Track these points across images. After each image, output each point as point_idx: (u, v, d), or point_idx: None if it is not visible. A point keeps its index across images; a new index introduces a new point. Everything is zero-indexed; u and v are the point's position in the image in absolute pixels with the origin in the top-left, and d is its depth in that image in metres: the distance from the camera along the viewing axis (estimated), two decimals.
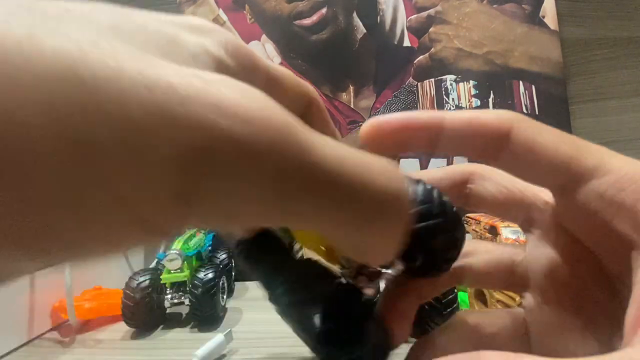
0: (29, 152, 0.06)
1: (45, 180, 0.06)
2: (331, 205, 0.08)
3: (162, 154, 0.07)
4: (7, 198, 0.06)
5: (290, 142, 0.07)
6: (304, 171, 0.07)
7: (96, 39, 0.07)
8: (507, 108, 0.56)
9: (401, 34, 0.59)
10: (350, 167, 0.08)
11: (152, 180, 0.07)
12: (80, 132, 0.06)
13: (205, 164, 0.07)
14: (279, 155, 0.07)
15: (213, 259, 0.45)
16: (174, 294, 0.37)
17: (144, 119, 0.06)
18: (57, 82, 0.06)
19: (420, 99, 0.57)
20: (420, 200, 0.11)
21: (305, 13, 0.59)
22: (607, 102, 0.58)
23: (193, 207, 0.07)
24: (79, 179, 0.06)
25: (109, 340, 0.35)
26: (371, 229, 0.09)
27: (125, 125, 0.06)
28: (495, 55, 0.56)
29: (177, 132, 0.07)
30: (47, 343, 0.35)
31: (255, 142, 0.07)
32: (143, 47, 0.08)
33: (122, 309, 0.35)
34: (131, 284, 0.35)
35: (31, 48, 0.06)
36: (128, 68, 0.07)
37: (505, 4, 0.57)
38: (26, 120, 0.06)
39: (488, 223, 0.38)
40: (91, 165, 0.06)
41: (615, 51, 0.58)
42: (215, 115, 0.07)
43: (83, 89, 0.06)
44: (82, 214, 0.07)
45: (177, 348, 0.32)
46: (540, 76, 0.56)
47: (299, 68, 0.59)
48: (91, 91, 0.06)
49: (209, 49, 0.10)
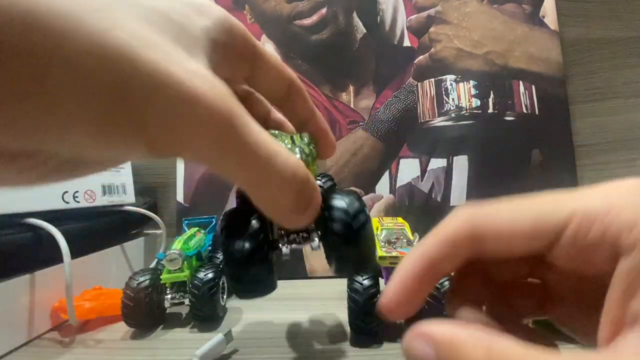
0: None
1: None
2: (240, 167, 0.13)
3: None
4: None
5: (229, 121, 0.12)
6: (234, 140, 0.12)
7: (138, 27, 0.11)
8: (507, 108, 0.57)
9: (401, 34, 0.59)
10: (260, 150, 0.12)
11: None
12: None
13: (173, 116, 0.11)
14: (220, 127, 0.11)
15: (213, 259, 0.45)
16: (174, 294, 0.37)
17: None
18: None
19: (420, 99, 0.57)
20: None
21: (305, 13, 0.59)
22: (607, 102, 0.58)
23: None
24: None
25: (109, 340, 0.35)
26: (261, 192, 0.14)
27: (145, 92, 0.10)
28: (495, 55, 0.56)
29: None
30: (47, 343, 0.35)
31: (209, 117, 0.11)
32: (163, 33, 0.11)
33: (122, 309, 0.35)
34: (131, 284, 0.35)
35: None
36: (143, 48, 0.10)
37: (505, 4, 0.57)
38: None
39: None
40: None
41: (615, 51, 0.58)
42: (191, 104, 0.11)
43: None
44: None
45: (177, 348, 0.32)
46: (540, 76, 0.56)
47: (299, 68, 0.59)
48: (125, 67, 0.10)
49: (209, 33, 0.13)
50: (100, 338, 0.35)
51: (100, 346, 0.34)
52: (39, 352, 0.33)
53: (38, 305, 0.35)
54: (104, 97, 0.10)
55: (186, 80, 0.11)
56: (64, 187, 0.41)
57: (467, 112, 0.56)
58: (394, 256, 0.30)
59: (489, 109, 0.56)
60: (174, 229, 0.56)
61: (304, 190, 0.14)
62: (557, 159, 0.55)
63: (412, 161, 0.56)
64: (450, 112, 0.56)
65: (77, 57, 0.09)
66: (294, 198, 0.14)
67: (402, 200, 0.55)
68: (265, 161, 0.12)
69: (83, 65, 0.09)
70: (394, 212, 0.54)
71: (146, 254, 0.55)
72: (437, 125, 0.56)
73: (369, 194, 0.55)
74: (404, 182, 0.56)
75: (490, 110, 0.56)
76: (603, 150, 0.57)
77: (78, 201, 0.42)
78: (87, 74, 0.09)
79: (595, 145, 0.57)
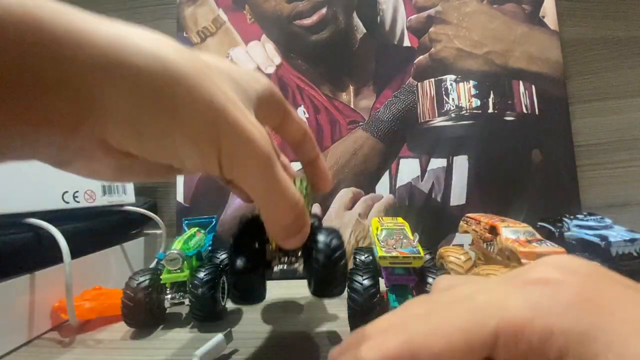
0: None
1: None
2: (267, 191, 0.18)
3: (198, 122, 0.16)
4: None
5: (270, 160, 0.17)
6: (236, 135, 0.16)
7: (228, 90, 0.17)
8: (507, 108, 0.57)
9: (401, 34, 0.59)
10: (281, 182, 0.18)
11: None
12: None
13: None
14: (265, 163, 0.17)
15: (213, 259, 0.45)
16: (174, 294, 0.37)
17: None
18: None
19: (420, 98, 0.57)
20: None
21: (305, 13, 0.59)
22: (607, 102, 0.58)
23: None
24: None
25: (109, 340, 0.35)
26: (272, 211, 0.20)
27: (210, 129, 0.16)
28: (495, 55, 0.56)
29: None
30: (47, 343, 0.35)
31: (260, 155, 0.17)
32: (236, 93, 0.18)
33: (122, 309, 0.35)
34: (131, 284, 0.35)
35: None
36: (233, 113, 0.16)
37: (505, 4, 0.57)
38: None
39: (488, 223, 0.38)
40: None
41: (615, 51, 0.58)
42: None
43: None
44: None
45: (177, 348, 0.32)
46: (540, 76, 0.56)
47: (299, 68, 0.59)
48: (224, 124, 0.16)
49: (258, 95, 0.20)
50: (100, 338, 0.35)
51: (100, 346, 0.34)
52: (39, 352, 0.33)
53: (38, 305, 0.35)
54: (206, 139, 0.16)
55: (251, 130, 0.16)
56: (64, 187, 0.41)
57: (467, 112, 0.56)
58: (394, 256, 0.30)
59: (489, 109, 0.56)
60: (174, 229, 0.56)
61: (299, 217, 0.20)
62: (557, 159, 0.55)
63: (412, 161, 0.56)
64: (450, 112, 0.56)
65: (193, 113, 0.15)
66: (292, 220, 0.20)
67: (402, 200, 0.55)
68: (282, 190, 0.18)
69: (198, 119, 0.15)
70: (394, 212, 0.54)
71: (146, 254, 0.55)
72: (437, 125, 0.56)
73: (369, 194, 0.55)
74: (404, 182, 0.56)
75: (490, 110, 0.56)
76: (603, 150, 0.57)
77: (78, 201, 0.42)
78: (202, 127, 0.15)
79: (595, 145, 0.57)
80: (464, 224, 0.44)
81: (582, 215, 0.40)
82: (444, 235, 0.53)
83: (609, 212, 0.55)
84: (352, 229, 0.54)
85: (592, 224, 0.37)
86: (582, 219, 0.38)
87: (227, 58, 0.60)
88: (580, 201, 0.55)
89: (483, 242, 0.39)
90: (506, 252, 0.34)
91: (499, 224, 0.36)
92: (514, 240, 0.33)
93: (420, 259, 0.30)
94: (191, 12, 0.61)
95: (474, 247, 0.42)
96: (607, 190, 0.57)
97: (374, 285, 0.30)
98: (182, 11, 0.62)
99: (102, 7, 0.63)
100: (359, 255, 0.43)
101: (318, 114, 0.58)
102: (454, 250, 0.40)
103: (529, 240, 0.33)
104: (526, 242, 0.33)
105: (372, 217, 0.52)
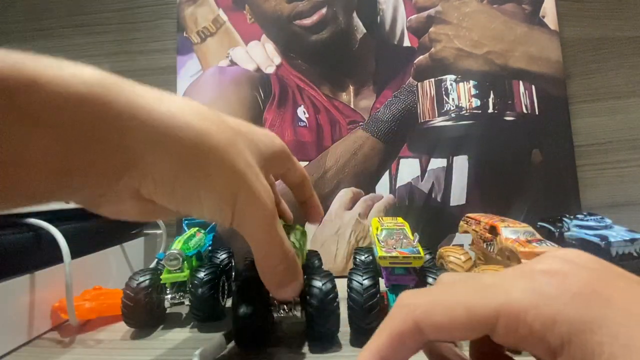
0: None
1: None
2: (266, 243, 0.23)
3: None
4: None
5: (273, 218, 0.22)
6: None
7: (248, 155, 0.21)
8: (507, 108, 0.57)
9: (401, 34, 0.59)
10: (279, 236, 0.23)
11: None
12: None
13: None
14: (270, 220, 0.22)
15: (213, 259, 0.45)
16: (174, 294, 0.37)
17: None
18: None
19: (420, 98, 0.57)
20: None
21: (305, 13, 0.59)
22: (607, 102, 0.58)
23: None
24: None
25: (109, 340, 0.35)
26: (267, 260, 0.24)
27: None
28: (495, 55, 0.56)
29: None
30: (47, 343, 0.35)
31: (266, 215, 0.22)
32: (252, 155, 0.22)
33: (122, 309, 0.35)
34: (131, 284, 0.35)
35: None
36: (249, 174, 0.21)
37: (505, 4, 0.57)
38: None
39: (488, 223, 0.38)
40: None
41: (615, 51, 0.58)
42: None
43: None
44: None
45: (177, 348, 0.32)
46: (540, 76, 0.56)
47: (298, 68, 0.59)
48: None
49: (271, 153, 0.25)
50: (100, 338, 0.35)
51: (100, 346, 0.34)
52: (39, 352, 0.33)
53: (38, 305, 0.35)
54: (226, 197, 0.20)
55: (260, 192, 0.21)
56: None
57: (467, 112, 0.56)
58: (394, 256, 0.30)
59: (489, 109, 0.56)
60: (174, 229, 0.56)
61: (291, 267, 0.24)
62: (557, 159, 0.55)
63: (412, 161, 0.56)
64: (450, 112, 0.56)
65: (220, 177, 0.20)
66: (284, 268, 0.23)
67: (402, 200, 0.55)
68: (279, 242, 0.22)
69: (223, 181, 0.20)
70: (394, 212, 0.54)
71: (146, 254, 0.55)
72: (437, 125, 0.56)
73: (369, 194, 0.55)
74: (404, 182, 0.56)
75: (490, 110, 0.56)
76: (603, 150, 0.57)
77: None
78: (225, 188, 0.20)
79: (595, 145, 0.57)
80: (464, 224, 0.44)
81: (582, 215, 0.40)
82: (444, 235, 0.53)
83: (609, 212, 0.55)
84: (352, 229, 0.54)
85: (592, 224, 0.37)
86: (582, 219, 0.38)
87: (227, 58, 0.60)
88: (580, 201, 0.55)
89: (483, 242, 0.39)
90: (506, 252, 0.34)
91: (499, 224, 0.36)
92: (514, 240, 0.33)
93: (420, 259, 0.30)
94: (191, 12, 0.61)
95: (474, 247, 0.42)
96: (607, 190, 0.57)
97: (374, 285, 0.30)
98: (182, 11, 0.62)
99: (104, 6, 0.63)
100: (359, 255, 0.43)
101: (318, 114, 0.58)
102: (454, 250, 0.40)
103: (529, 240, 0.33)
104: (526, 242, 0.33)
105: (372, 217, 0.52)
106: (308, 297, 0.29)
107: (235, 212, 0.20)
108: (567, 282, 0.12)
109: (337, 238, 0.54)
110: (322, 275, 0.31)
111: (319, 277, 0.30)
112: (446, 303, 0.14)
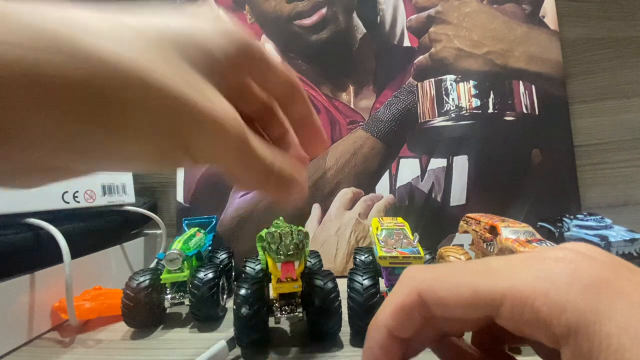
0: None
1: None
2: (243, 166, 0.17)
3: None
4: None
5: (244, 142, 0.16)
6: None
7: (182, 69, 0.14)
8: (507, 108, 0.57)
9: (401, 34, 0.59)
10: (258, 152, 0.17)
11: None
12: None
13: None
14: (239, 145, 0.16)
15: (213, 259, 0.45)
16: (174, 294, 0.37)
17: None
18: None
19: (420, 99, 0.57)
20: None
21: (305, 13, 0.59)
22: (607, 102, 0.58)
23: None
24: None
25: (109, 340, 0.35)
26: (249, 174, 0.17)
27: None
28: (495, 55, 0.56)
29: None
30: (47, 343, 0.35)
31: (233, 140, 0.15)
32: (195, 64, 0.15)
33: (122, 309, 0.35)
34: (131, 284, 0.35)
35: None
36: (192, 94, 0.14)
37: (505, 4, 0.57)
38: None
39: (488, 223, 0.38)
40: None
41: (615, 51, 0.58)
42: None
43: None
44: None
45: (177, 348, 0.32)
46: (540, 76, 0.56)
47: (298, 68, 0.59)
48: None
49: (228, 54, 0.16)
50: (100, 338, 0.35)
51: (100, 346, 0.34)
52: (39, 352, 0.33)
53: (38, 305, 0.35)
54: (168, 134, 0.14)
55: (221, 117, 0.15)
56: (64, 187, 0.41)
57: (467, 112, 0.56)
58: (394, 256, 0.30)
59: (489, 109, 0.56)
60: (174, 229, 0.56)
61: (282, 178, 0.18)
62: (557, 159, 0.55)
63: (412, 161, 0.56)
64: (450, 112, 0.56)
65: (153, 107, 0.13)
66: (276, 184, 0.18)
67: (402, 200, 0.55)
68: (258, 165, 0.17)
69: (151, 117, 0.13)
70: (394, 212, 0.54)
71: (146, 254, 0.55)
72: (437, 125, 0.56)
73: (369, 194, 0.55)
74: (404, 182, 0.56)
75: (490, 110, 0.56)
76: (603, 150, 0.57)
77: (78, 201, 0.42)
78: (157, 124, 0.14)
79: (595, 145, 0.57)
80: (464, 224, 0.44)
81: (582, 215, 0.40)
82: (444, 235, 0.53)
83: (609, 212, 0.55)
84: (352, 229, 0.54)
85: (592, 224, 0.37)
86: (582, 219, 0.38)
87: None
88: (580, 201, 0.55)
89: (483, 242, 0.39)
90: (506, 252, 0.34)
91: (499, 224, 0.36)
92: (514, 240, 0.33)
93: (420, 259, 0.30)
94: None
95: (474, 247, 0.42)
96: (607, 190, 0.57)
97: (374, 285, 0.30)
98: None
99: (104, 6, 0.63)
100: (359, 255, 0.43)
101: (318, 114, 0.58)
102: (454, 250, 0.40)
103: (529, 240, 0.33)
104: (526, 242, 0.33)
105: (372, 217, 0.52)
106: (309, 297, 0.30)
107: (191, 149, 0.15)
108: (579, 272, 0.12)
109: (337, 238, 0.54)
110: (323, 275, 0.31)
111: (320, 276, 0.31)
112: (452, 279, 0.14)
